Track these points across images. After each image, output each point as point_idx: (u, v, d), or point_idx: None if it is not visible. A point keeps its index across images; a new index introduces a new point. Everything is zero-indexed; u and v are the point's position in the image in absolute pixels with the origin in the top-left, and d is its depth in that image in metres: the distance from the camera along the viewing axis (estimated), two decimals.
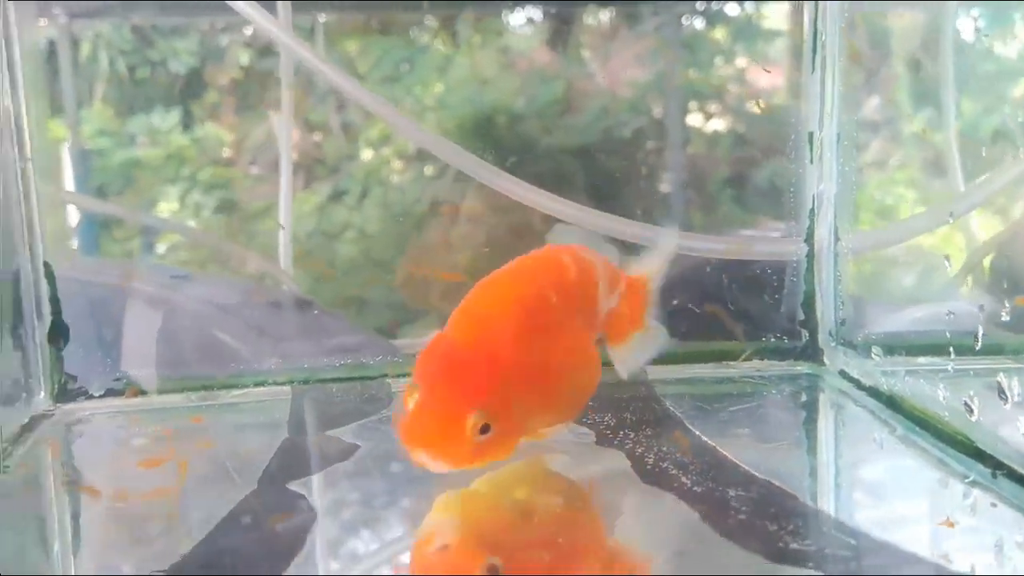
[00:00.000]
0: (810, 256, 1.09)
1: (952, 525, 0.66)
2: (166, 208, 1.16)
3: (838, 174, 1.06)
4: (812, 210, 1.08)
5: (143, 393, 1.07)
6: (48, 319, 1.05)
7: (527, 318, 0.75)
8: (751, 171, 1.15)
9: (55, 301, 1.05)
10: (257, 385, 1.09)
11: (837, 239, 1.06)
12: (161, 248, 1.18)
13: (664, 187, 1.17)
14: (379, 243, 1.17)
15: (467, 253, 1.12)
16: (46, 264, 1.05)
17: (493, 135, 1.10)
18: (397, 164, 1.16)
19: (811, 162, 1.08)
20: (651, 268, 0.92)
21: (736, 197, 1.15)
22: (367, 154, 1.15)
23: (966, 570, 0.60)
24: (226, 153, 1.15)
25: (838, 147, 1.05)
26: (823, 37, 1.06)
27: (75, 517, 0.79)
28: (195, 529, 0.71)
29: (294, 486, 0.79)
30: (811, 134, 1.08)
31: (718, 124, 1.17)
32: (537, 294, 0.78)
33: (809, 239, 1.09)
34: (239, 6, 1.02)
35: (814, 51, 1.06)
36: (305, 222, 1.17)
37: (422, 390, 0.71)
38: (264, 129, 1.14)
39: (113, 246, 1.17)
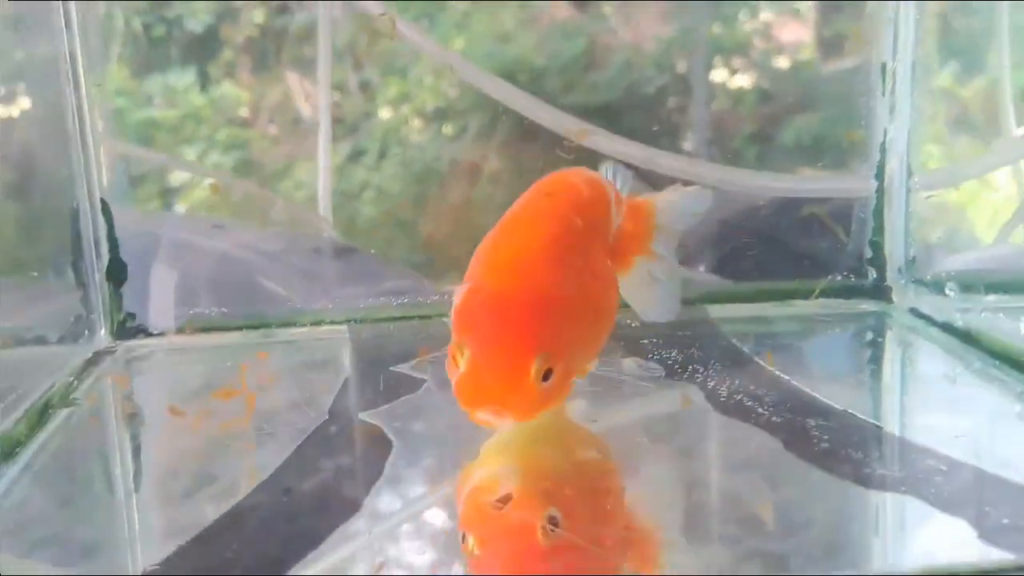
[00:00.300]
0: (879, 192, 1.06)
1: None
2: (190, 177, 1.14)
3: (911, 107, 1.02)
4: (883, 144, 1.05)
5: (202, 331, 1.07)
6: (106, 257, 1.05)
7: (561, 250, 0.71)
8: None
9: (113, 239, 1.05)
10: (314, 324, 1.08)
11: (909, 174, 1.03)
12: (193, 201, 1.16)
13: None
14: (399, 203, 1.15)
15: (489, 215, 1.10)
16: (103, 201, 1.04)
17: (513, 94, 1.07)
18: (416, 123, 1.13)
19: (883, 95, 1.05)
20: (660, 198, 0.88)
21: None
22: (385, 113, 1.13)
23: None
24: (243, 113, 1.13)
25: (912, 79, 1.02)
26: None
27: (148, 447, 0.80)
28: (271, 457, 0.70)
29: (366, 416, 0.78)
30: (883, 65, 1.04)
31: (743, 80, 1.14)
32: (563, 222, 0.73)
33: (879, 175, 1.06)
34: None
35: None
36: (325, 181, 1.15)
37: (473, 346, 0.64)
38: (281, 88, 1.12)
39: (145, 201, 1.15)
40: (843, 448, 0.67)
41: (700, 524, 0.60)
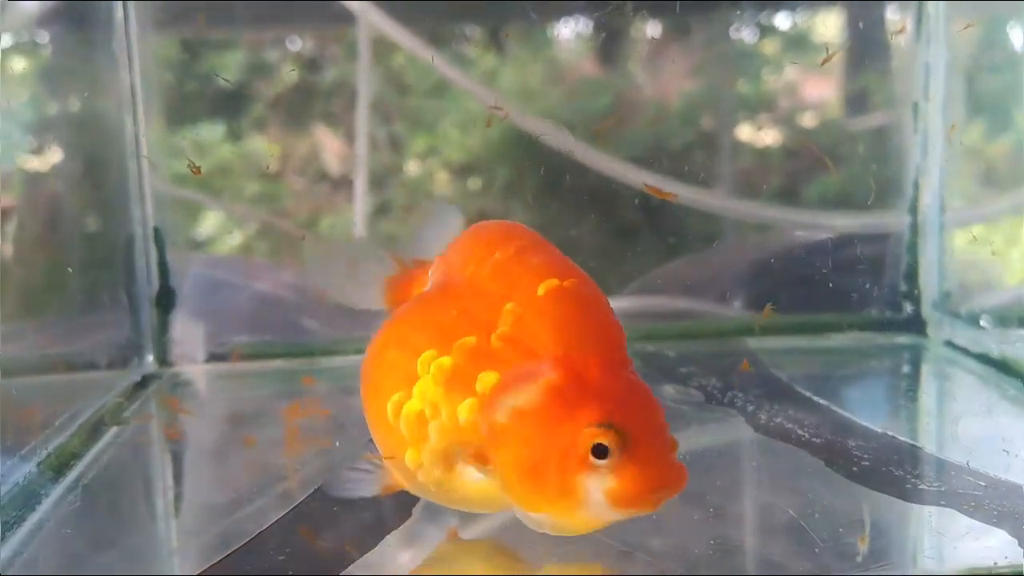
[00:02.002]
0: (913, 228, 1.08)
1: None
2: (213, 219, 1.17)
3: (944, 144, 1.04)
4: (916, 181, 1.07)
5: (246, 359, 1.09)
6: (156, 283, 1.08)
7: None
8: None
9: (163, 266, 1.08)
10: (357, 353, 1.10)
11: (943, 210, 1.05)
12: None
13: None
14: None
15: None
16: (156, 229, 1.08)
17: (540, 147, 1.09)
18: (443, 176, 1.16)
19: (915, 132, 1.07)
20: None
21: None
22: (413, 166, 1.16)
23: None
24: (272, 167, 1.16)
25: (943, 117, 1.04)
26: (927, 5, 1.05)
27: (193, 464, 0.82)
28: (323, 467, 0.72)
29: None
30: (915, 104, 1.06)
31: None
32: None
33: (912, 211, 1.08)
34: None
35: (919, 18, 1.05)
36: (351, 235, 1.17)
37: (637, 433, 0.50)
38: (309, 143, 1.15)
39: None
40: (883, 466, 0.68)
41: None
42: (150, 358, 1.07)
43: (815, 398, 0.85)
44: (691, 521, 0.61)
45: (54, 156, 0.98)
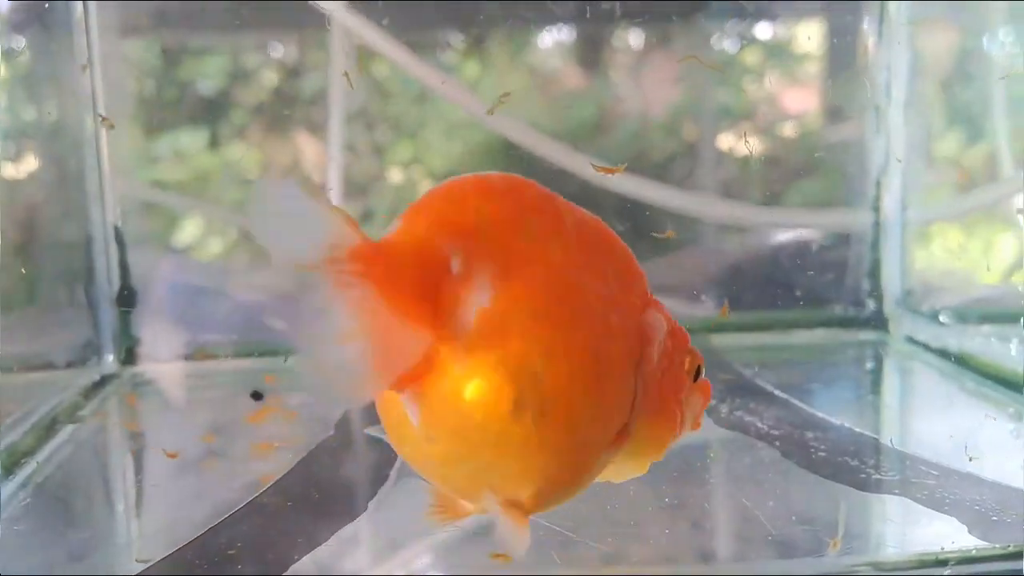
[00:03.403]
0: (876, 226, 1.08)
1: None
2: (192, 227, 1.16)
3: (906, 143, 1.05)
4: (878, 181, 1.08)
5: (211, 357, 1.08)
6: (117, 283, 1.07)
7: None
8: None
9: (124, 266, 1.07)
10: None
11: (904, 209, 1.06)
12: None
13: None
14: None
15: None
16: (116, 229, 1.07)
17: (522, 153, 1.09)
18: (426, 184, 1.16)
19: (877, 133, 1.07)
20: None
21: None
22: (396, 174, 1.15)
23: None
24: (252, 174, 1.15)
25: (905, 116, 1.05)
26: (889, 8, 1.06)
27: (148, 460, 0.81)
28: (278, 468, 0.71)
29: (371, 431, 0.79)
30: (877, 106, 1.07)
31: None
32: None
33: (875, 210, 1.08)
34: None
35: (881, 21, 1.06)
36: None
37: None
38: (291, 149, 1.15)
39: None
40: (839, 456, 0.68)
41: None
42: (110, 357, 1.06)
43: (777, 392, 0.85)
44: (647, 512, 0.61)
45: (12, 157, 0.97)
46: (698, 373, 0.53)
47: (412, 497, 0.66)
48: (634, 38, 1.11)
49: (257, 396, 0.90)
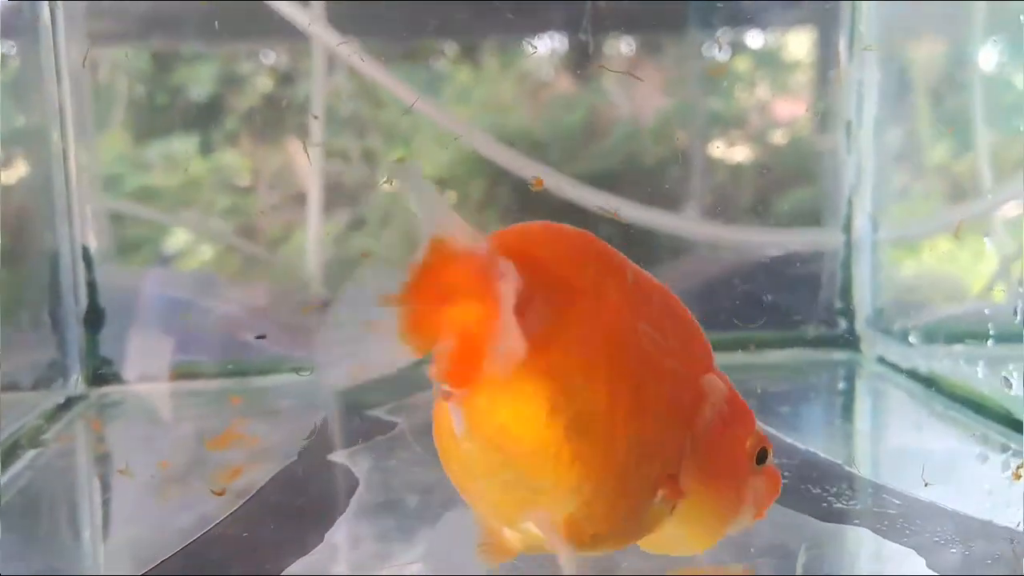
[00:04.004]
0: (847, 245, 1.08)
1: (1019, 477, 0.67)
2: (183, 235, 1.16)
3: (876, 164, 1.05)
4: (849, 200, 1.08)
5: (180, 378, 1.07)
6: (84, 303, 1.06)
7: None
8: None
9: (92, 285, 1.06)
10: (292, 371, 1.09)
11: (875, 229, 1.05)
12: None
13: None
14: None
15: None
16: (84, 248, 1.05)
17: (515, 160, 1.09)
18: None
19: (848, 151, 1.07)
20: None
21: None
22: (387, 182, 1.15)
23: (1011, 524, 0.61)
24: (244, 181, 1.14)
25: (875, 136, 1.05)
26: (859, 26, 1.06)
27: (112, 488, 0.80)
28: (236, 495, 0.71)
29: (334, 457, 0.79)
30: (848, 123, 1.07)
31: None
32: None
33: (847, 229, 1.08)
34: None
35: (851, 38, 1.06)
36: (324, 250, 1.16)
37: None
38: (283, 157, 1.14)
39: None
40: (803, 484, 0.67)
41: None
42: (77, 378, 1.05)
43: None
44: None
45: None
46: (763, 457, 0.52)
47: (372, 527, 0.66)
48: (625, 46, 1.11)
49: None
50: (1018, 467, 0.68)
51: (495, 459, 0.48)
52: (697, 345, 0.53)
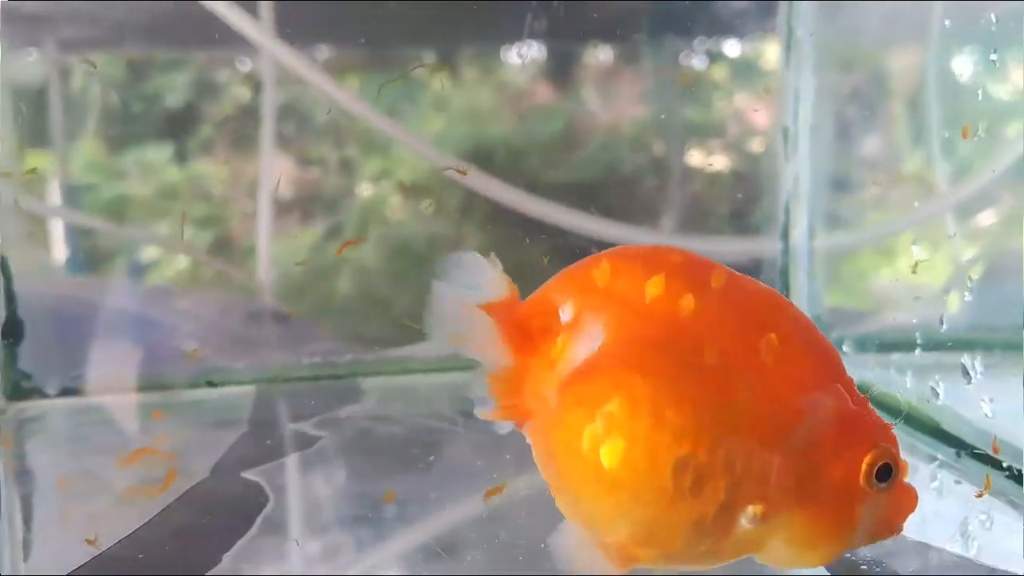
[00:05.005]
0: (785, 253, 1.07)
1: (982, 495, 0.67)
2: (108, 243, 1.13)
3: (812, 172, 1.04)
4: (787, 207, 1.07)
5: (106, 393, 1.04)
6: (2, 314, 1.02)
7: None
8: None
9: (10, 295, 1.02)
10: (221, 385, 1.06)
11: (812, 236, 1.05)
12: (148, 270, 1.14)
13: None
14: (377, 280, 1.14)
15: None
16: (2, 258, 1.02)
17: (492, 171, 1.08)
18: (395, 200, 1.13)
19: (786, 159, 1.07)
20: None
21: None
22: (366, 189, 1.13)
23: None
24: (219, 189, 1.12)
25: (812, 144, 1.04)
26: (796, 32, 1.06)
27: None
28: (143, 513, 0.68)
29: (249, 474, 0.76)
30: (785, 129, 1.06)
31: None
32: None
33: (784, 237, 1.07)
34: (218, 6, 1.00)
35: (788, 46, 1.05)
36: (301, 259, 1.14)
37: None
38: (258, 165, 1.12)
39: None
40: None
41: None
42: None
43: None
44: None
45: None
46: (885, 475, 0.49)
47: (276, 547, 0.64)
48: (603, 54, 1.10)
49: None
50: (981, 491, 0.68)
51: (552, 483, 0.52)
52: (808, 358, 0.50)
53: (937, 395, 0.77)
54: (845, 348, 0.95)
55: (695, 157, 1.13)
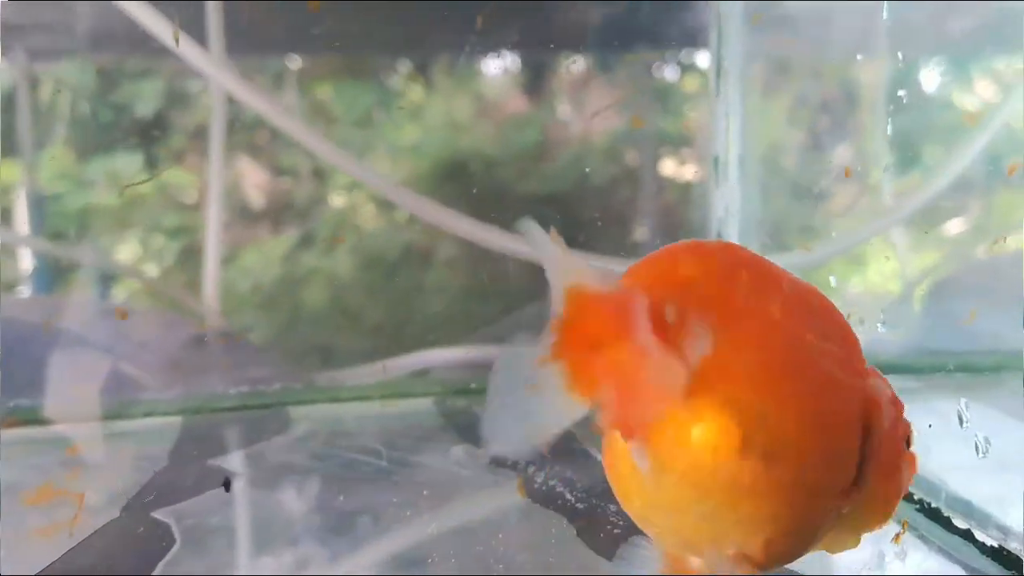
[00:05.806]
0: None
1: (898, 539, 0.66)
2: (128, 252, 1.11)
3: (742, 197, 1.05)
4: (719, 233, 1.07)
5: (25, 423, 1.01)
6: None
7: None
8: None
9: None
10: (147, 415, 1.04)
11: None
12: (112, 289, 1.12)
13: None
14: (349, 290, 1.13)
15: (442, 298, 1.09)
16: None
17: (466, 181, 1.08)
18: (369, 208, 1.12)
19: (716, 185, 1.07)
20: None
21: None
22: (338, 199, 1.12)
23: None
24: (189, 198, 1.10)
25: (740, 170, 1.04)
26: (725, 63, 1.06)
27: None
28: (47, 554, 0.66)
29: (159, 514, 0.74)
30: (716, 158, 1.07)
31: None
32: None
33: None
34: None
35: (717, 74, 1.06)
36: (272, 269, 1.12)
37: None
38: (230, 174, 1.10)
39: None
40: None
41: None
42: None
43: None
44: None
45: None
46: (910, 442, 0.52)
47: None
48: (576, 65, 1.10)
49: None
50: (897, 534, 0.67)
51: (688, 495, 0.47)
52: (851, 344, 0.51)
53: None
54: None
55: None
